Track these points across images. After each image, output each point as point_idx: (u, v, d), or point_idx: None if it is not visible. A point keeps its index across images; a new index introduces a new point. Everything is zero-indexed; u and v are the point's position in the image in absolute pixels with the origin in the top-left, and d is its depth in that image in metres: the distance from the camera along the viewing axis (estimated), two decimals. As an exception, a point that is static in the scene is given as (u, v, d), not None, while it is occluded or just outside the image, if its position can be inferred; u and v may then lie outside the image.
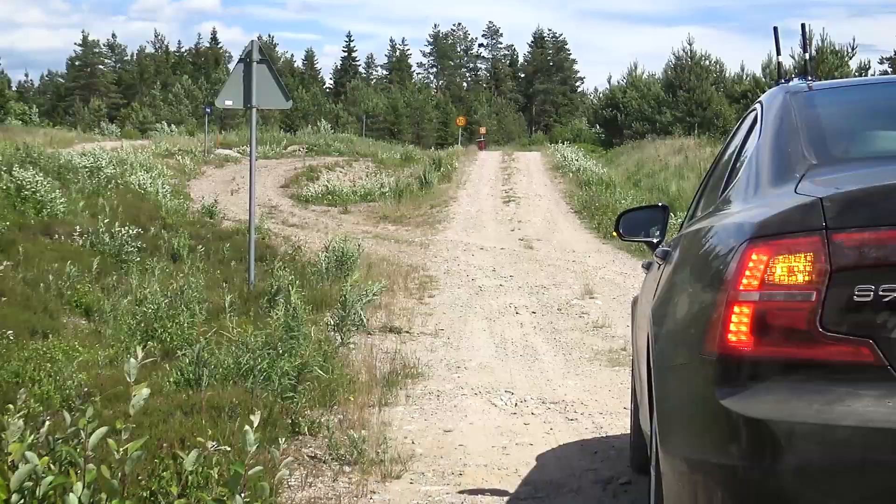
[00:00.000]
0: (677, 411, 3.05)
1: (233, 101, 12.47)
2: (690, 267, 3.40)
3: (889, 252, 2.51)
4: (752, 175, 3.39)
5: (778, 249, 2.62)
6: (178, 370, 7.25)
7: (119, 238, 13.48)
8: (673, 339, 3.28)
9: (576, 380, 8.87)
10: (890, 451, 2.38)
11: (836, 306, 2.56)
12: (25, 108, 72.73)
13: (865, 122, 3.91)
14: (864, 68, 36.63)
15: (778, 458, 2.49)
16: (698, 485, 2.75)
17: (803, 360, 2.58)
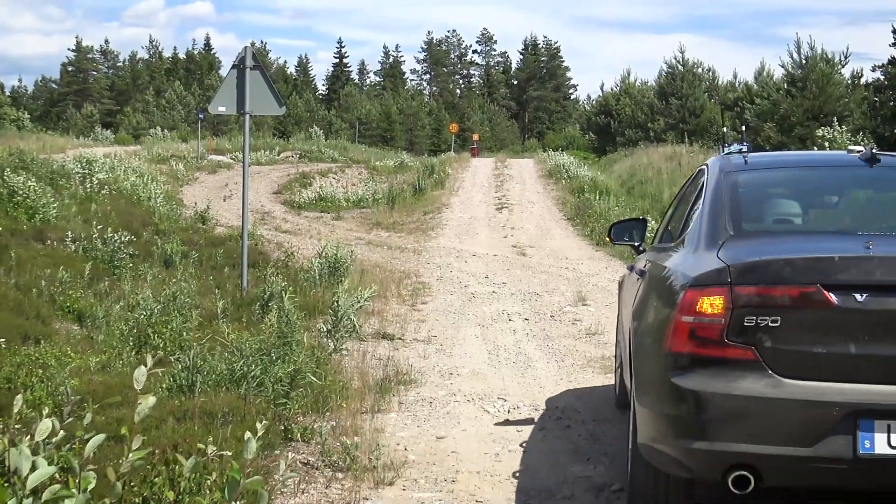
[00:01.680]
0: (647, 382, 4.93)
1: (226, 107, 12.46)
2: (656, 293, 5.26)
3: (764, 299, 4.36)
4: (696, 234, 5.26)
5: (703, 294, 4.46)
6: (170, 376, 7.24)
7: (111, 244, 13.46)
8: (645, 336, 5.17)
9: (569, 386, 8.88)
10: (759, 408, 4.32)
11: (734, 327, 4.38)
12: (19, 113, 72.61)
13: (773, 203, 5.82)
14: (857, 76, 36.75)
15: (702, 410, 4.41)
16: (658, 422, 4.73)
17: (716, 357, 4.43)
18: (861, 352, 4.36)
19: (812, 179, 6.17)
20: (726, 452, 4.41)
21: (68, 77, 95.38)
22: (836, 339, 4.38)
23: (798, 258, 4.53)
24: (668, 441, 4.65)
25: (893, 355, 4.32)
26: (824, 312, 4.35)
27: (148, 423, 5.91)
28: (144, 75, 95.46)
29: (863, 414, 4.29)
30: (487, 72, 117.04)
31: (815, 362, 4.39)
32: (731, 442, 4.40)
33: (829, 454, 4.31)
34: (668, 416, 4.63)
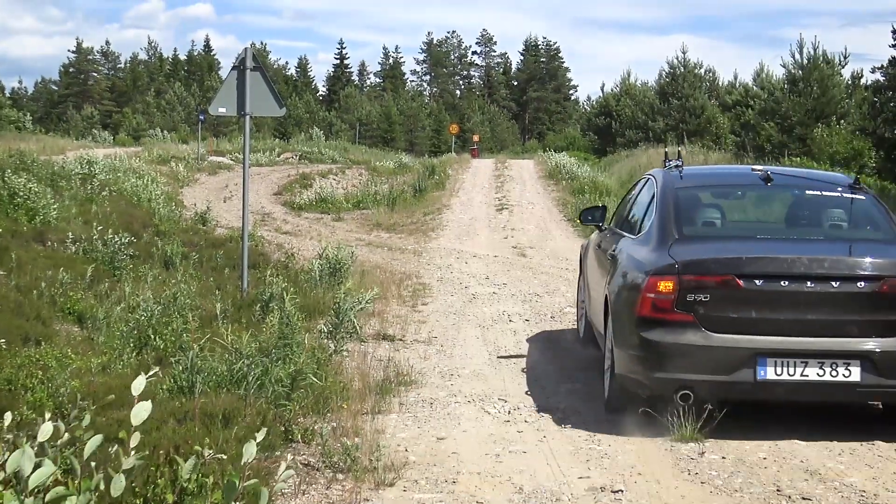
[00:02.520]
0: (623, 335, 7.44)
1: (226, 108, 12.45)
2: (628, 277, 7.76)
3: (699, 284, 6.94)
4: (654, 233, 7.82)
5: (661, 279, 7.06)
6: (171, 377, 7.24)
7: (112, 245, 13.45)
8: (621, 306, 7.60)
9: (569, 387, 8.88)
10: (696, 351, 6.92)
11: (679, 301, 6.96)
12: (19, 115, 72.61)
13: (701, 211, 8.41)
14: (857, 77, 36.75)
15: (660, 353, 7.03)
16: (631, 361, 7.27)
17: (669, 320, 6.99)
18: (759, 316, 7.09)
19: (724, 192, 9.15)
20: (675, 379, 7.11)
21: (68, 78, 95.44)
22: (743, 308, 7.10)
23: (720, 258, 7.31)
24: (638, 372, 7.32)
25: (779, 318, 7.07)
26: (736, 292, 7.06)
27: (148, 424, 5.91)
28: (145, 77, 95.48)
29: (760, 354, 7.03)
30: (487, 73, 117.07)
31: (731, 323, 7.07)
32: (678, 372, 7.11)
33: (739, 379, 7.06)
34: (638, 356, 7.28)
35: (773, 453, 6.90)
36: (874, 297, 7.07)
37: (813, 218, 8.48)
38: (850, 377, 7.02)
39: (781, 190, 8.78)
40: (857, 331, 7.08)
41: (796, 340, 7.03)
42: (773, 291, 7.04)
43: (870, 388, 7.12)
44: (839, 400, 7.54)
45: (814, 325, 7.06)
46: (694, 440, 7.05)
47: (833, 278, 7.08)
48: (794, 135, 31.91)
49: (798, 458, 6.79)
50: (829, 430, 7.52)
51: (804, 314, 7.08)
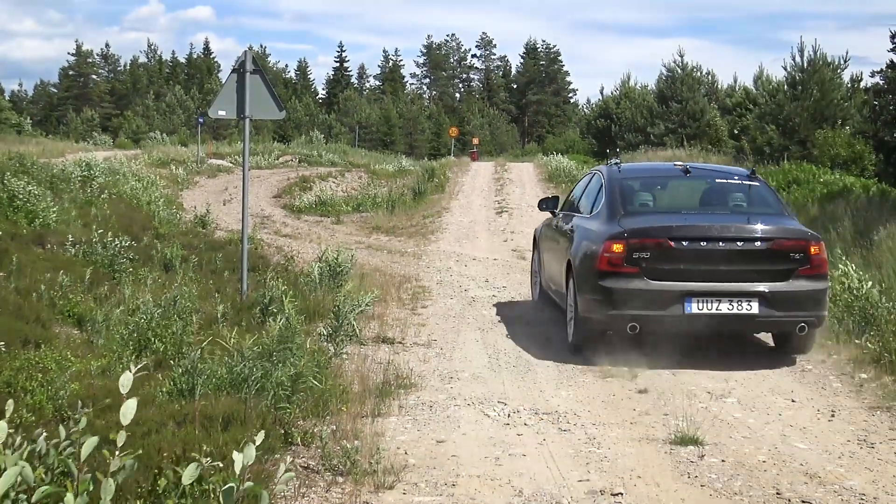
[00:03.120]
0: (585, 284, 9.84)
1: (226, 111, 12.45)
2: (588, 241, 10.19)
3: (642, 245, 9.53)
4: (605, 211, 10.39)
5: (614, 242, 9.63)
6: (170, 380, 7.23)
7: (111, 248, 13.44)
8: (584, 262, 10.03)
9: (568, 391, 8.88)
10: (641, 294, 9.45)
11: (627, 258, 9.53)
12: (20, 118, 72.64)
13: (638, 195, 10.81)
14: (857, 80, 36.75)
15: (614, 296, 9.54)
16: (591, 303, 9.78)
17: (620, 272, 9.52)
18: (685, 268, 9.53)
19: (655, 182, 11.67)
20: (626, 314, 9.53)
21: (68, 81, 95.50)
22: (673, 262, 9.53)
23: (656, 226, 9.86)
24: (597, 312, 9.80)
25: (700, 269, 9.51)
26: (669, 251, 9.53)
27: (148, 427, 5.91)
28: (144, 80, 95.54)
29: (686, 295, 9.45)
30: (487, 76, 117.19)
31: (665, 273, 9.52)
32: (628, 310, 9.51)
33: (672, 313, 9.49)
34: (598, 300, 9.74)
35: (773, 456, 6.90)
36: (766, 253, 9.78)
37: (721, 199, 11.08)
38: (751, 310, 9.59)
39: (697, 179, 11.63)
40: (755, 277, 9.67)
41: (712, 285, 9.56)
42: (695, 250, 9.62)
43: (764, 318, 9.70)
44: (744, 328, 10.21)
45: (724, 274, 9.64)
46: (694, 443, 7.06)
47: (737, 240, 9.74)
48: (795, 138, 31.91)
49: (798, 462, 6.79)
50: (829, 432, 7.55)
51: (717, 266, 9.64)
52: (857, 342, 10.54)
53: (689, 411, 7.78)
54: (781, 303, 9.64)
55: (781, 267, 9.73)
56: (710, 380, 9.31)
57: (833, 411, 8.27)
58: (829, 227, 20.17)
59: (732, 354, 10.55)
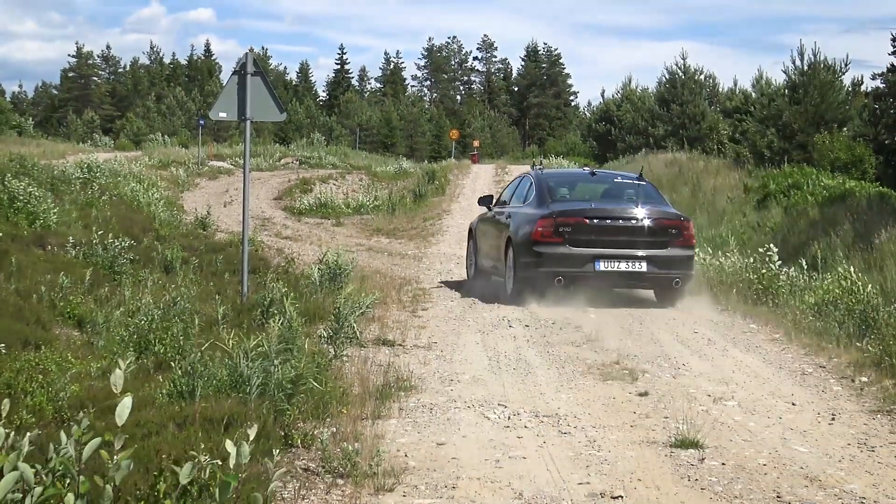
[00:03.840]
0: (523, 249, 13.64)
1: (227, 113, 12.46)
2: (525, 220, 13.98)
3: (565, 222, 13.44)
4: (537, 200, 14.27)
5: (545, 220, 13.50)
6: (170, 382, 7.23)
7: (112, 249, 13.46)
8: (521, 235, 13.79)
9: (569, 393, 8.87)
10: (564, 257, 13.34)
11: (555, 231, 13.39)
12: (21, 119, 72.65)
13: (559, 190, 14.74)
14: (857, 84, 36.74)
15: (545, 258, 13.37)
16: (528, 264, 13.55)
17: (549, 241, 13.34)
18: (595, 238, 13.28)
19: (570, 180, 15.75)
20: (553, 271, 13.22)
21: (69, 83, 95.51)
22: (587, 234, 13.29)
23: (574, 209, 13.69)
24: (532, 270, 13.38)
25: (605, 239, 13.31)
26: (584, 226, 13.27)
27: (148, 428, 5.91)
28: (145, 81, 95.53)
29: (596, 257, 13.16)
30: (488, 78, 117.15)
31: (581, 241, 13.22)
32: (554, 268, 13.21)
33: (586, 271, 13.30)
34: (533, 261, 13.31)
35: (773, 460, 6.90)
36: (650, 229, 13.71)
37: (618, 193, 15.05)
38: (642, 269, 13.48)
39: (600, 180, 15.95)
40: (644, 245, 13.52)
41: (614, 251, 13.40)
42: (602, 226, 13.55)
43: (651, 274, 13.56)
44: (637, 282, 13.87)
45: (622, 243, 13.51)
46: (694, 446, 7.06)
47: (631, 219, 13.72)
48: (795, 141, 31.88)
49: (798, 465, 6.79)
50: (829, 436, 7.55)
51: (618, 237, 13.54)
52: (857, 345, 10.55)
53: (689, 414, 7.78)
54: (662, 264, 13.55)
55: (662, 239, 13.68)
56: (710, 383, 9.31)
57: (833, 415, 8.26)
58: (829, 230, 20.17)
59: (733, 357, 10.56)
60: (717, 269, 16.19)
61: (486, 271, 15.49)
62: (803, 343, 11.30)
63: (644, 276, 13.53)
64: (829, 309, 11.99)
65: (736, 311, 13.75)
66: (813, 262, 15.53)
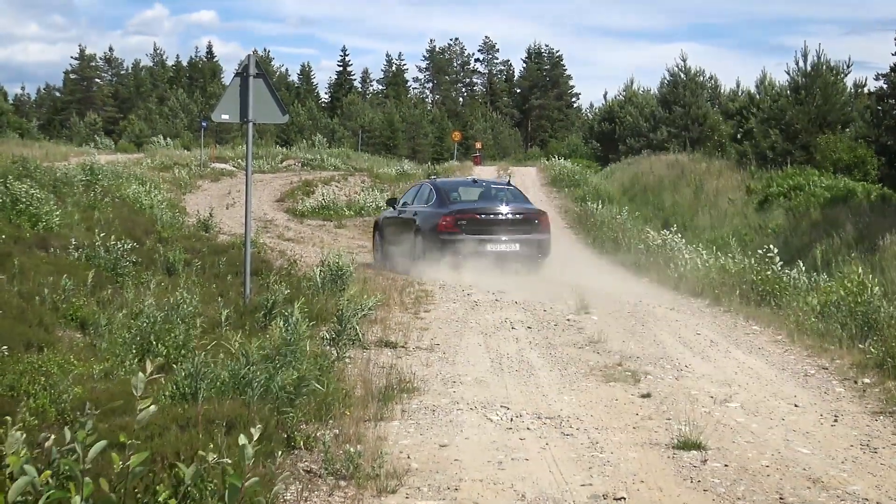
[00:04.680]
0: (429, 238, 17.81)
1: (229, 115, 12.46)
2: (431, 216, 18.13)
3: (462, 218, 17.69)
4: (438, 202, 18.49)
5: (446, 217, 17.69)
6: (173, 383, 7.23)
7: (114, 251, 13.45)
8: (427, 229, 17.98)
9: (571, 395, 8.87)
10: (462, 242, 17.30)
11: (455, 225, 17.57)
12: (23, 121, 72.70)
13: (454, 194, 19.02)
14: (860, 85, 36.75)
15: (447, 243, 17.39)
16: (433, 249, 17.54)
17: (450, 231, 17.49)
18: (483, 228, 17.63)
19: (458, 187, 19.74)
20: (455, 253, 17.16)
21: (72, 85, 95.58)
22: (477, 225, 17.60)
23: (466, 208, 18.08)
24: (436, 253, 17.32)
25: (491, 228, 17.73)
26: (474, 219, 17.64)
27: (151, 430, 5.91)
28: (147, 83, 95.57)
29: (484, 242, 17.37)
30: (490, 80, 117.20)
31: (474, 231, 17.44)
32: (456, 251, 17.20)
33: (478, 252, 17.20)
34: (437, 246, 17.39)
35: (776, 461, 6.90)
36: (520, 221, 17.95)
37: (494, 195, 18.98)
38: (516, 249, 17.50)
39: (480, 186, 20.03)
40: (516, 232, 17.70)
41: (496, 237, 17.53)
42: (487, 219, 17.74)
43: (522, 253, 17.57)
44: (513, 260, 17.41)
45: (502, 231, 17.68)
46: (696, 448, 7.06)
47: (506, 214, 18.00)
48: (798, 143, 31.89)
49: (801, 467, 6.79)
50: (832, 437, 7.55)
51: (498, 227, 17.75)
52: (860, 347, 10.55)
53: (691, 416, 7.78)
54: (529, 245, 17.83)
55: (527, 227, 18.10)
56: (713, 384, 9.31)
57: (836, 416, 8.26)
58: (832, 232, 20.16)
59: (735, 359, 10.56)
60: (719, 271, 16.20)
61: (392, 255, 19.00)
62: (806, 345, 11.30)
63: (517, 255, 17.58)
64: (832, 311, 11.99)
65: (738, 312, 13.75)
66: (815, 263, 15.52)
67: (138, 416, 3.34)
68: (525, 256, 17.68)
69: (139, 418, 3.30)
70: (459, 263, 16.88)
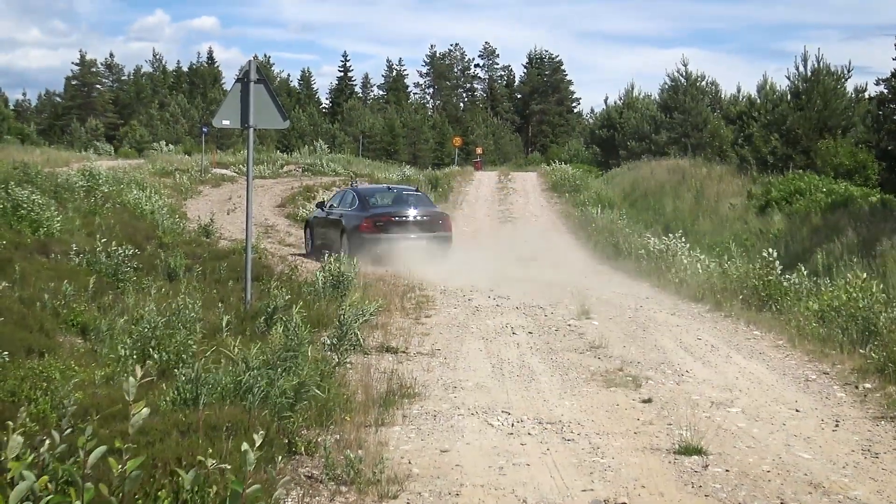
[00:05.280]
0: (354, 236, 20.48)
1: (230, 120, 12.47)
2: (355, 217, 20.92)
3: (379, 220, 20.58)
4: (360, 206, 21.33)
5: (366, 219, 20.57)
6: (174, 389, 7.23)
7: (115, 257, 13.45)
8: (351, 229, 20.68)
9: (572, 400, 8.87)
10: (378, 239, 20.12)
11: (374, 225, 20.46)
12: (23, 126, 72.74)
13: (372, 199, 22.00)
14: (861, 90, 36.78)
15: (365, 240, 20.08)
16: (357, 245, 19.88)
17: (370, 230, 20.34)
18: (398, 227, 20.48)
19: (376, 193, 22.73)
20: (374, 248, 19.78)
21: (72, 91, 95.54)
22: (393, 225, 20.45)
23: (382, 211, 20.89)
24: (361, 247, 19.57)
25: (404, 227, 20.58)
26: (390, 221, 20.51)
27: (152, 436, 5.91)
28: (148, 89, 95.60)
29: (399, 238, 20.18)
30: (490, 85, 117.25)
31: (389, 229, 20.30)
32: (375, 246, 19.80)
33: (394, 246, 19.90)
34: (360, 244, 19.84)
35: (777, 466, 6.90)
36: (427, 221, 20.79)
37: (405, 200, 21.75)
38: (423, 244, 20.15)
39: (393, 191, 22.74)
40: (424, 230, 20.55)
41: (408, 234, 20.30)
42: (399, 220, 20.50)
43: (428, 248, 19.98)
44: (422, 252, 19.58)
45: (413, 229, 20.47)
46: (698, 453, 7.06)
47: (416, 216, 20.73)
48: (799, 147, 31.90)
49: (802, 471, 6.78)
50: (833, 442, 7.54)
51: (410, 226, 20.53)
52: (860, 352, 10.55)
53: (692, 421, 7.78)
54: (435, 241, 20.62)
55: (433, 226, 20.91)
56: (713, 389, 9.30)
57: (837, 421, 8.26)
58: (832, 237, 20.16)
59: (736, 364, 10.56)
60: (720, 276, 16.20)
61: (319, 249, 21.34)
62: (807, 349, 11.30)
63: (426, 248, 20.36)
64: (833, 315, 11.99)
65: (739, 317, 13.75)
66: (816, 268, 15.52)
67: (131, 420, 3.34)
68: (430, 250, 20.44)
69: (132, 422, 3.29)
70: (378, 257, 19.53)
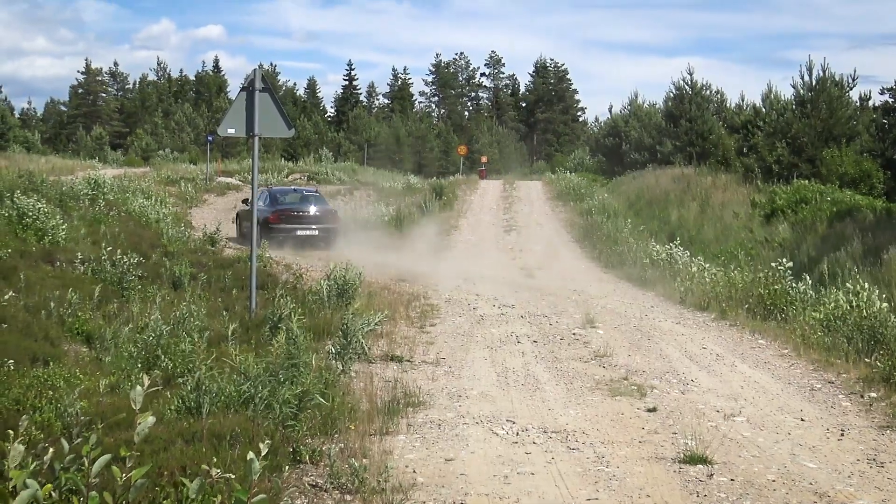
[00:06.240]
0: (265, 228, 24.49)
1: (235, 129, 12.49)
2: (266, 212, 25.80)
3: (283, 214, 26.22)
4: (270, 202, 27.13)
5: (272, 213, 26.09)
6: (178, 398, 7.23)
7: (120, 265, 13.47)
8: (264, 219, 24.97)
9: (577, 409, 8.85)
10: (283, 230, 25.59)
11: (278, 218, 25.90)
12: (28, 134, 72.88)
13: (280, 198, 27.88)
14: (865, 99, 36.76)
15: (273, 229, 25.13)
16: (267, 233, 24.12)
17: (276, 222, 25.69)
18: (297, 220, 25.97)
19: (285, 194, 28.63)
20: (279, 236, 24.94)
21: (78, 99, 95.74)
22: (294, 219, 25.96)
23: (286, 208, 26.65)
24: (269, 235, 23.99)
25: (301, 220, 25.98)
26: (291, 215, 26.14)
27: (156, 444, 5.91)
28: (153, 97, 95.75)
29: (297, 229, 25.72)
30: (496, 94, 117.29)
31: (291, 222, 25.79)
32: (279, 234, 25.00)
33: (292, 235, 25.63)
34: (268, 231, 24.57)
35: (782, 476, 6.88)
36: (320, 216, 26.28)
37: (306, 199, 27.34)
38: (316, 234, 25.64)
39: (298, 192, 28.90)
40: (317, 223, 25.95)
41: (305, 226, 25.67)
42: (299, 215, 26.07)
43: (320, 237, 25.60)
44: (314, 242, 25.26)
45: (308, 222, 25.83)
46: (703, 462, 7.04)
47: (312, 212, 26.27)
48: (804, 156, 31.91)
49: (807, 481, 6.77)
50: (838, 452, 7.52)
51: (307, 219, 25.91)
52: (866, 361, 10.53)
53: (698, 430, 7.77)
54: (325, 232, 25.42)
55: (324, 219, 25.83)
56: (719, 398, 9.29)
57: (843, 430, 8.24)
58: (837, 246, 20.12)
59: (741, 373, 10.54)
60: (725, 285, 16.18)
61: (244, 235, 25.53)
62: (812, 358, 11.28)
63: (317, 238, 25.15)
64: (838, 324, 11.97)
65: (744, 326, 13.74)
66: (821, 277, 15.50)
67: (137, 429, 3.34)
68: (321, 238, 25.44)
69: (138, 431, 3.29)
70: (282, 242, 23.86)
